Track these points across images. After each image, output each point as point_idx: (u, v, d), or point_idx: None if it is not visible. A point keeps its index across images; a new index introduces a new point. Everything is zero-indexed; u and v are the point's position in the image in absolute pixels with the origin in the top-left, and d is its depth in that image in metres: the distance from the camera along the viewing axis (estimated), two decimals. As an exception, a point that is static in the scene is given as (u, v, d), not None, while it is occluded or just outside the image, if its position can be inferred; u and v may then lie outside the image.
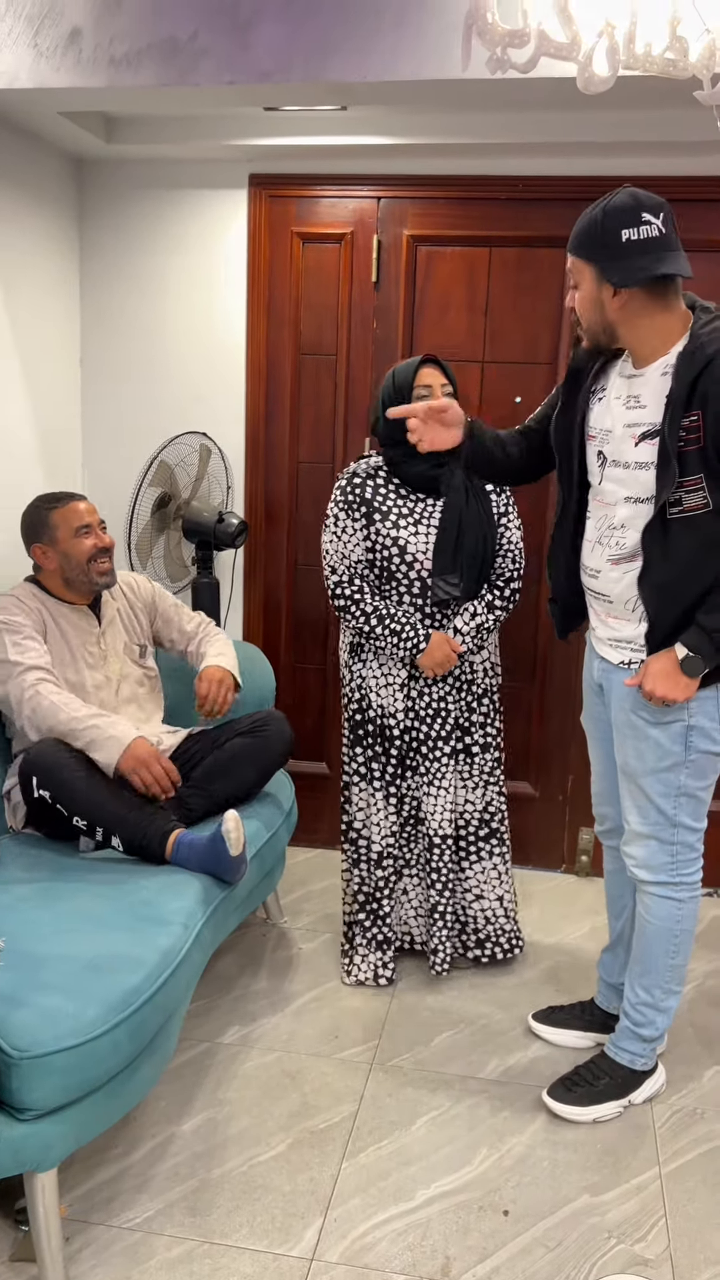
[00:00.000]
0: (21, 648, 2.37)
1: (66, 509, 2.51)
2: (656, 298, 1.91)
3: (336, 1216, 1.91)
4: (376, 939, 2.64)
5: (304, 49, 2.41)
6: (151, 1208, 1.91)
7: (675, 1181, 2.03)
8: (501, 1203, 1.96)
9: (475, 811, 2.65)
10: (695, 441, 1.86)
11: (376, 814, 2.60)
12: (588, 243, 1.92)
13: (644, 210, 1.86)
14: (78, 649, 2.51)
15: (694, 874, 2.16)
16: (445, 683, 2.56)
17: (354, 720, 2.62)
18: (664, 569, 1.95)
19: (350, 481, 2.53)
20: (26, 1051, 1.61)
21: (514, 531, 2.57)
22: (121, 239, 3.20)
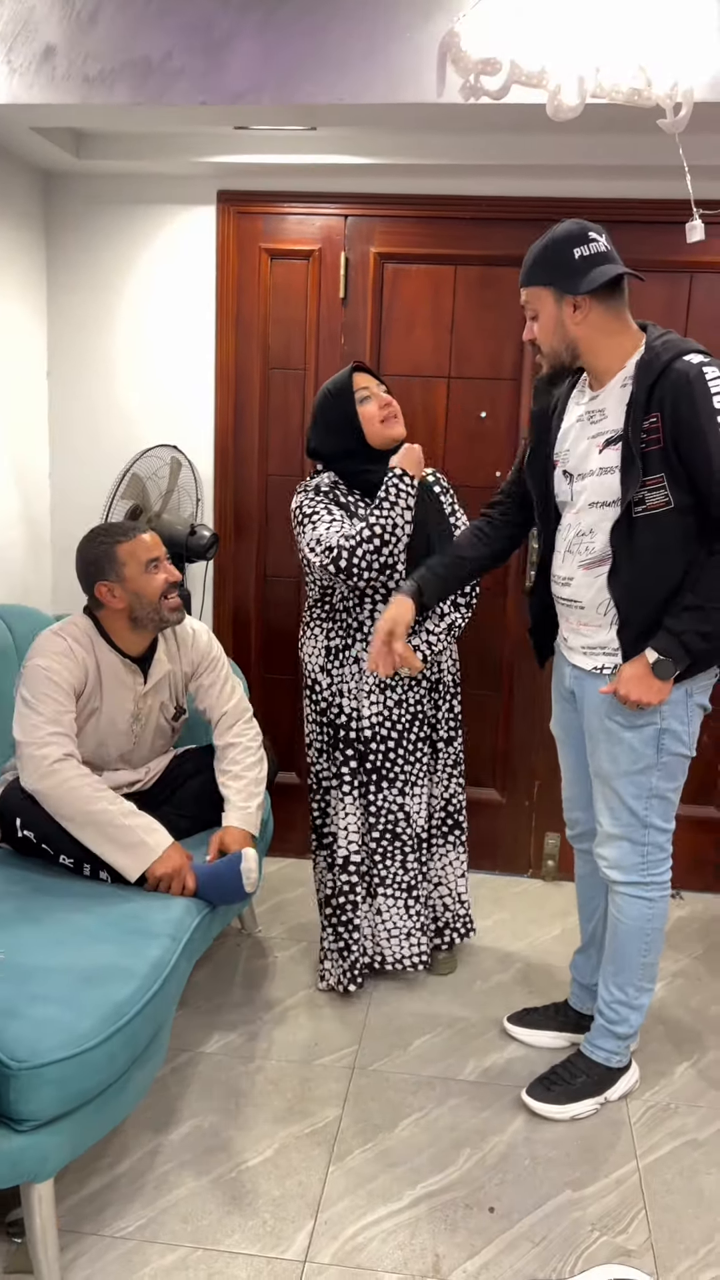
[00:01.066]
0: (58, 705, 2.26)
1: (134, 542, 2.36)
2: (611, 310, 2.05)
3: (327, 1219, 1.94)
4: (339, 948, 2.66)
5: (277, 71, 2.45)
6: (144, 1216, 1.93)
7: (653, 1174, 2.09)
8: (487, 1200, 2.00)
9: (441, 804, 2.71)
10: (656, 442, 1.97)
11: (354, 820, 2.62)
12: (544, 268, 2.06)
13: (590, 231, 2.04)
14: (114, 705, 2.40)
15: (664, 874, 2.23)
16: (420, 687, 2.61)
17: (332, 726, 2.63)
18: (631, 567, 2.04)
19: (319, 490, 2.55)
20: (25, 1062, 1.62)
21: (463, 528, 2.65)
22: (90, 253, 3.21)
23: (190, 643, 2.56)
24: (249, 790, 2.48)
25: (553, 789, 3.38)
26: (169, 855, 2.23)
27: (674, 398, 1.94)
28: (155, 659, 2.48)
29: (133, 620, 2.38)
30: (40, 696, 2.27)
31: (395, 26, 2.39)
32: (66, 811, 2.20)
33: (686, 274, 3.05)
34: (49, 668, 2.29)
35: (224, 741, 2.53)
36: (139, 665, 2.44)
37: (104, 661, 2.38)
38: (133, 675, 2.42)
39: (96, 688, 2.37)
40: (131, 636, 2.42)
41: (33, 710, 2.26)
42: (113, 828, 2.20)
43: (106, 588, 2.35)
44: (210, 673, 2.58)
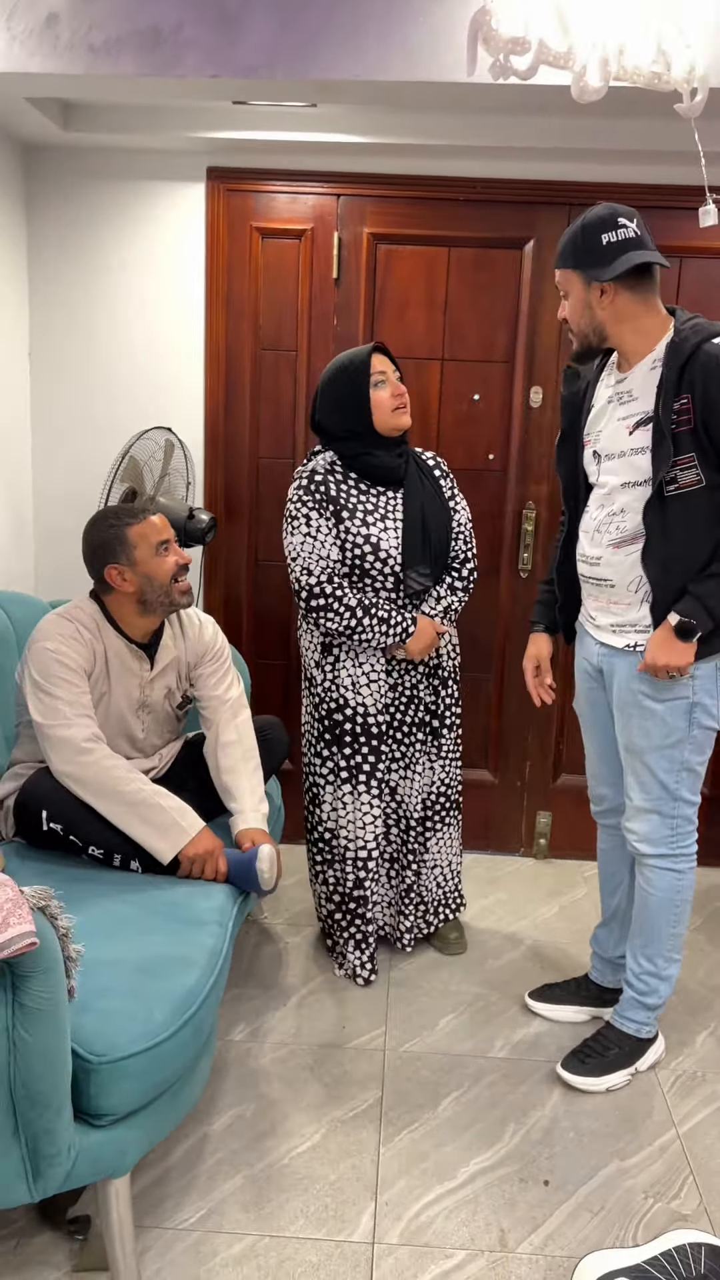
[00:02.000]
0: (74, 687, 2.22)
1: (144, 524, 2.31)
2: (638, 294, 2.08)
3: (387, 1200, 1.94)
4: (355, 938, 2.66)
5: (291, 45, 2.41)
6: (203, 1207, 1.90)
7: (694, 1140, 2.14)
8: (540, 1174, 2.03)
9: (440, 789, 2.72)
10: (686, 423, 2.01)
11: (359, 814, 2.60)
12: (573, 253, 2.09)
13: (619, 217, 2.06)
14: (120, 691, 2.35)
15: (691, 846, 2.28)
16: (418, 670, 2.61)
17: (327, 723, 2.60)
18: (664, 544, 2.08)
19: (313, 479, 2.51)
20: (104, 1056, 1.58)
21: (463, 513, 2.65)
22: (74, 229, 3.12)
23: (197, 632, 2.52)
24: (259, 792, 2.45)
25: (543, 770, 3.42)
26: (202, 838, 2.20)
27: (705, 379, 1.98)
28: (162, 645, 2.44)
29: (142, 604, 2.33)
30: (54, 680, 2.21)
31: (411, 4, 2.37)
32: (101, 793, 2.16)
33: (676, 258, 3.09)
34: (58, 650, 2.23)
35: (225, 738, 2.47)
36: (145, 651, 2.40)
37: (110, 647, 2.33)
38: (139, 661, 2.38)
39: (104, 673, 2.32)
40: (139, 621, 2.37)
41: (49, 694, 2.20)
42: (147, 808, 2.17)
43: (117, 571, 2.29)
44: (213, 662, 2.53)
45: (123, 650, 2.35)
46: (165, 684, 2.46)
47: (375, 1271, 1.78)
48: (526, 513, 3.23)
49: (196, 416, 3.22)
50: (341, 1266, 1.79)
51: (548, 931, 2.99)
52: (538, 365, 3.16)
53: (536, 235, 3.07)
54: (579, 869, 3.40)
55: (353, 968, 2.66)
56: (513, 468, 3.22)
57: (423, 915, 2.79)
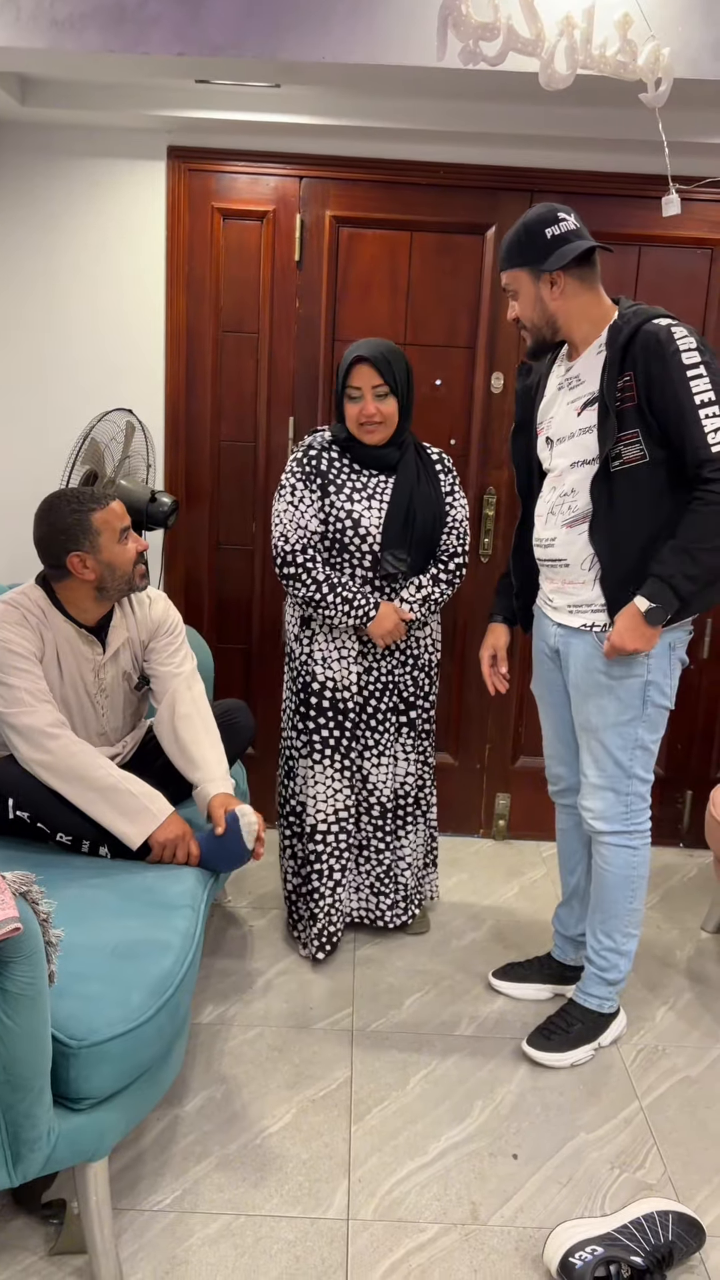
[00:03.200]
0: (30, 675, 2.19)
1: (107, 511, 2.25)
2: (585, 282, 2.16)
3: (360, 1177, 1.97)
4: (313, 912, 2.68)
5: (258, 25, 2.40)
6: (177, 1188, 1.91)
7: (656, 1112, 2.19)
8: (508, 1148, 2.07)
9: (411, 782, 2.74)
10: (630, 399, 2.08)
11: (322, 789, 2.63)
12: (519, 251, 2.16)
13: (558, 212, 2.14)
14: (73, 676, 2.31)
15: (645, 822, 2.33)
16: (394, 657, 2.63)
17: (301, 696, 2.63)
18: (611, 518, 2.13)
19: (306, 453, 2.54)
20: (83, 1040, 1.58)
21: (459, 510, 2.64)
22: (31, 206, 3.07)
23: (146, 609, 2.47)
24: (223, 759, 2.42)
25: (502, 753, 3.46)
26: (171, 823, 2.19)
27: (645, 357, 2.05)
28: (112, 627, 2.39)
29: (99, 590, 2.28)
30: (7, 669, 2.18)
31: (380, -15, 2.37)
32: (69, 778, 2.14)
33: (635, 246, 3.13)
34: (6, 639, 2.19)
35: (182, 710, 2.42)
36: (95, 635, 2.36)
37: (59, 633, 2.29)
38: (90, 646, 2.33)
39: (54, 659, 2.29)
40: (92, 607, 2.32)
41: (7, 683, 2.18)
42: (115, 794, 2.16)
43: (79, 558, 2.23)
44: (166, 636, 2.48)
45: (72, 636, 2.31)
46: (119, 666, 2.42)
47: (351, 1247, 1.81)
48: (487, 498, 3.26)
49: (157, 398, 3.20)
50: (317, 1243, 1.81)
51: (508, 911, 3.03)
52: (499, 351, 3.18)
53: (499, 221, 3.08)
54: (538, 849, 3.45)
55: (310, 943, 2.68)
56: (474, 453, 3.24)
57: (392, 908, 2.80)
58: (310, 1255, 1.79)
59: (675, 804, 3.49)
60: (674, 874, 3.32)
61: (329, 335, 3.16)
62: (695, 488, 2.06)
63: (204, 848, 2.22)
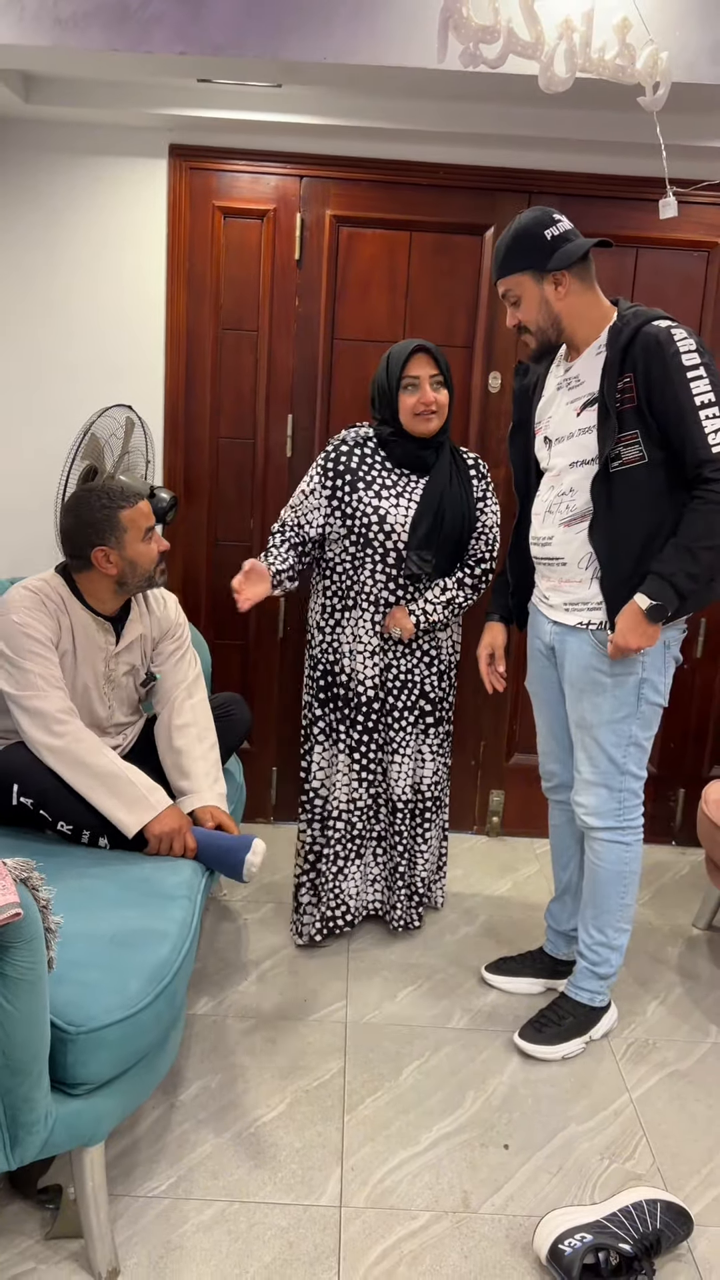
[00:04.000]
0: (45, 660, 2.22)
1: (135, 510, 2.31)
2: (585, 281, 2.18)
3: (353, 1165, 1.99)
4: (312, 900, 2.71)
5: (260, 25, 2.42)
6: (172, 1175, 1.94)
7: (646, 1104, 2.22)
8: (500, 1138, 2.09)
9: (429, 782, 2.77)
10: (630, 400, 2.10)
11: (338, 775, 2.66)
12: (519, 255, 2.17)
13: (553, 213, 2.17)
14: (85, 666, 2.34)
15: (638, 819, 2.35)
16: (413, 655, 2.65)
17: (321, 683, 2.66)
18: (610, 518, 2.15)
19: (338, 449, 2.57)
20: (81, 1026, 1.60)
21: (490, 516, 2.64)
22: (34, 203, 3.09)
23: (161, 609, 2.53)
24: (215, 772, 2.46)
25: (497, 749, 3.48)
26: (169, 814, 2.22)
27: (645, 358, 2.07)
28: (129, 620, 2.44)
29: (119, 584, 2.34)
30: (24, 653, 2.21)
31: (381, -13, 2.39)
32: (73, 763, 2.17)
33: (632, 248, 3.15)
34: (24, 623, 2.23)
35: (180, 720, 2.48)
36: (111, 624, 2.41)
37: (76, 620, 2.33)
38: (105, 634, 2.38)
39: (70, 646, 2.33)
40: (110, 599, 2.37)
41: (19, 667, 2.21)
42: (116, 781, 2.19)
43: (104, 553, 2.29)
44: (173, 640, 2.55)
45: (89, 623, 2.35)
46: (130, 660, 2.46)
47: (344, 1233, 1.83)
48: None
49: (156, 395, 3.22)
50: (310, 1230, 1.84)
51: (502, 906, 3.05)
52: (497, 351, 3.20)
53: (497, 222, 3.11)
54: (531, 846, 3.47)
55: (308, 928, 2.71)
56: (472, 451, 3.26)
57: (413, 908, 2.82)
58: (303, 1241, 1.81)
59: (668, 802, 3.52)
60: (666, 871, 3.35)
61: (328, 334, 3.18)
62: (695, 487, 2.08)
63: (202, 845, 2.24)
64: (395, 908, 2.78)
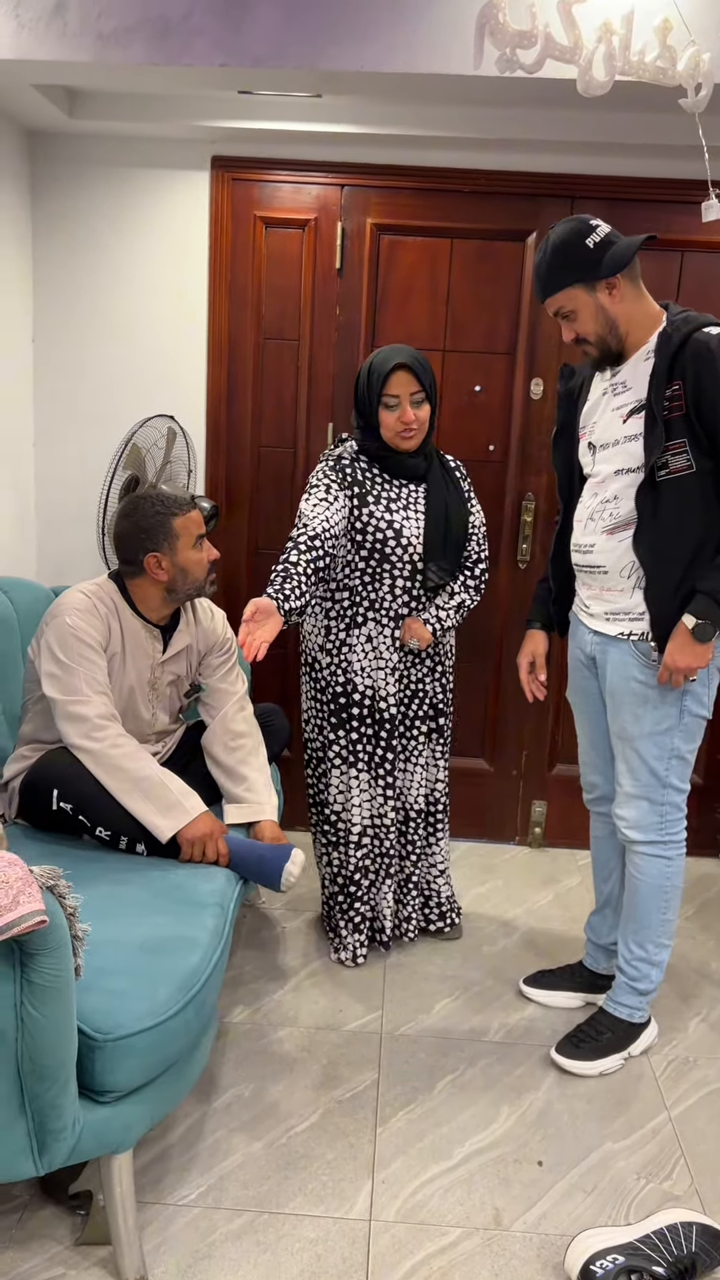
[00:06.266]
0: (92, 664, 2.25)
1: (187, 518, 2.35)
2: (635, 282, 2.14)
3: (384, 1178, 1.97)
4: (354, 921, 2.70)
5: (299, 36, 2.42)
6: (202, 1184, 1.93)
7: (685, 1123, 2.17)
8: (534, 1155, 2.06)
9: (441, 789, 2.76)
10: (678, 409, 2.06)
11: (358, 796, 2.65)
12: (566, 269, 2.11)
13: (589, 219, 2.12)
14: (131, 670, 2.37)
15: (680, 833, 2.31)
16: (423, 665, 2.63)
17: (336, 704, 2.63)
18: (655, 528, 2.11)
19: (339, 462, 2.55)
20: (109, 1034, 1.61)
21: (479, 515, 2.65)
22: (78, 216, 3.13)
23: (209, 623, 2.57)
24: (271, 785, 2.51)
25: (539, 759, 3.45)
26: (203, 820, 2.22)
27: (696, 366, 2.03)
28: (178, 630, 2.48)
29: (169, 592, 2.38)
30: (74, 657, 2.25)
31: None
32: (110, 767, 2.19)
33: (677, 252, 3.11)
34: (75, 626, 2.26)
35: (236, 728, 2.52)
36: (161, 632, 2.43)
37: (126, 625, 2.37)
38: (153, 641, 2.41)
39: (118, 650, 2.36)
40: (159, 606, 2.41)
41: (68, 670, 2.24)
42: (151, 784, 2.20)
43: (156, 559, 2.32)
44: (221, 654, 2.59)
45: (138, 630, 2.38)
46: (175, 670, 2.49)
47: (373, 1247, 1.82)
48: (526, 504, 3.25)
49: (199, 404, 3.24)
50: (339, 1242, 1.82)
51: (542, 919, 3.02)
52: (539, 357, 3.18)
53: (539, 228, 3.08)
54: (574, 857, 3.43)
55: (351, 950, 2.69)
56: (513, 459, 3.24)
57: (426, 912, 2.81)
58: (331, 1254, 1.80)
59: (714, 813, 3.46)
60: (712, 885, 3.29)
61: (369, 342, 3.18)
62: None
63: (238, 854, 2.24)
64: (411, 918, 2.76)
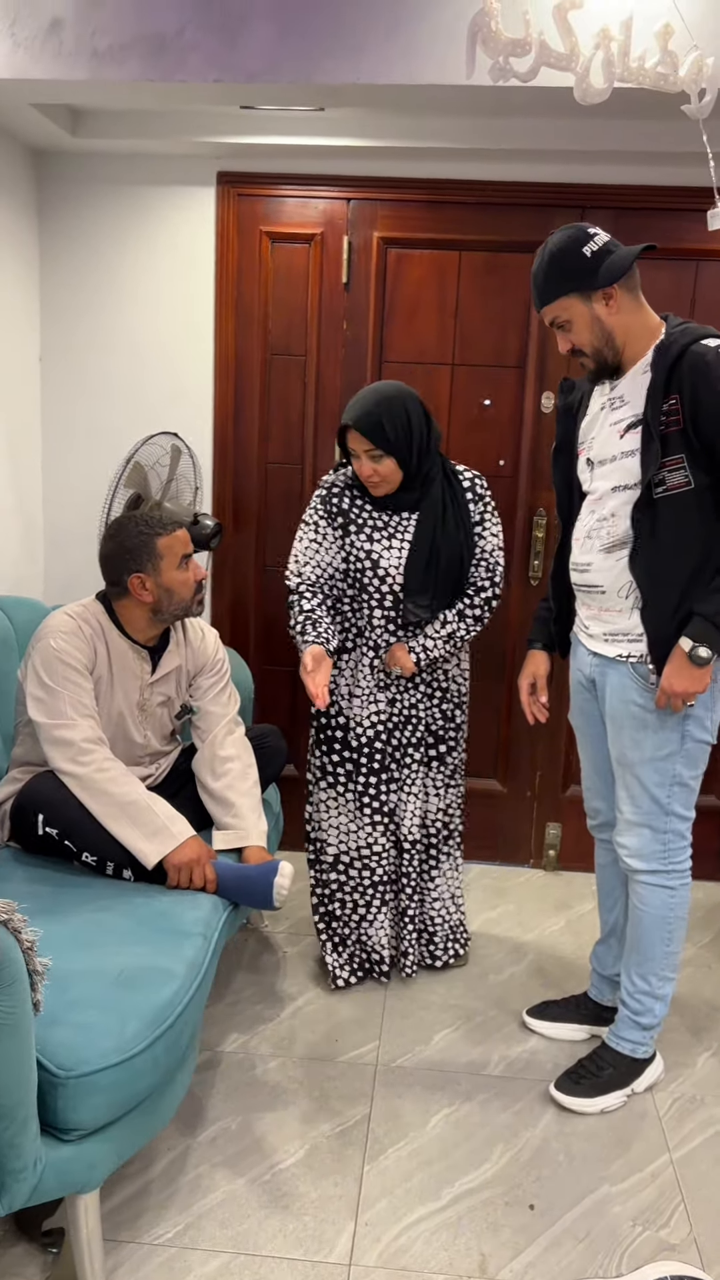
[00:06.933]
0: (78, 687, 2.22)
1: (172, 537, 2.32)
2: (633, 293, 2.07)
3: (367, 1220, 1.91)
4: (333, 941, 2.65)
5: (294, 50, 2.39)
6: (180, 1222, 1.88)
7: (687, 1166, 2.09)
8: (526, 1197, 1.99)
9: (440, 815, 2.68)
10: (675, 423, 1.98)
11: (336, 817, 2.60)
12: (561, 279, 2.05)
13: (586, 228, 2.05)
14: (119, 692, 2.34)
15: (684, 862, 2.23)
16: (417, 690, 2.57)
17: (317, 724, 2.60)
18: (652, 547, 2.04)
19: (330, 491, 2.50)
20: (72, 1071, 1.57)
21: (489, 540, 2.52)
22: (84, 234, 3.12)
23: (199, 643, 2.52)
24: (259, 809, 2.45)
25: (553, 780, 3.37)
26: (189, 845, 2.18)
27: (693, 379, 1.96)
28: (167, 651, 2.44)
29: (155, 613, 2.35)
30: (58, 680, 2.22)
31: (414, 6, 2.34)
32: (95, 791, 2.16)
33: (692, 261, 3.04)
34: (60, 649, 2.23)
35: (225, 753, 2.46)
36: (149, 653, 2.40)
37: (113, 646, 2.33)
38: (141, 663, 2.38)
39: (106, 672, 2.32)
40: (146, 627, 2.38)
41: (53, 693, 2.21)
42: (137, 809, 2.17)
43: (139, 580, 2.30)
44: (213, 675, 2.54)
45: (126, 650, 2.35)
46: (165, 691, 2.45)
47: (350, 1294, 1.76)
48: (537, 520, 3.19)
49: (206, 421, 3.21)
50: (316, 1287, 1.77)
51: (553, 946, 2.94)
52: (549, 370, 3.11)
53: (549, 239, 3.02)
54: (588, 882, 3.34)
55: (331, 971, 2.65)
56: (523, 474, 3.18)
57: (426, 946, 2.74)
58: (308, 1300, 1.74)
59: (735, 838, 3.36)
60: (731, 911, 3.19)
61: (376, 357, 3.14)
62: None
63: (226, 878, 2.20)
64: (408, 953, 2.69)
